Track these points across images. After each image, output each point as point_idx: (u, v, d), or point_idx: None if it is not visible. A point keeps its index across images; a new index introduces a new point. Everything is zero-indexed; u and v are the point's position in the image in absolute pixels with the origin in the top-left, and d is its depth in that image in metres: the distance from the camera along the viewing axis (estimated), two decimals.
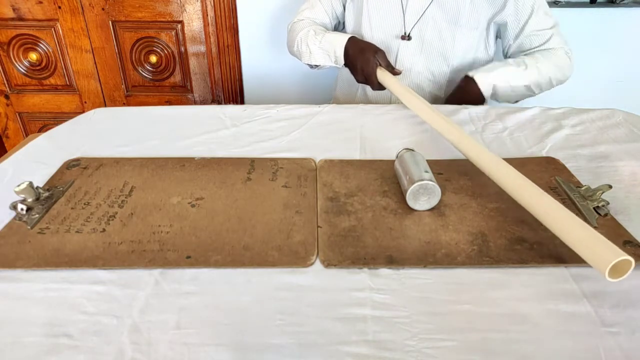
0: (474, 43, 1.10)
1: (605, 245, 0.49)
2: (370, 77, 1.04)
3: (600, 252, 0.49)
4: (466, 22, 1.07)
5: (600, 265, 0.48)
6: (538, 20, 1.05)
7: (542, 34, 1.06)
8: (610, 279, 0.48)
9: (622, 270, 0.48)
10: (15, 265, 0.55)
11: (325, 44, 1.11)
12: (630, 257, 0.47)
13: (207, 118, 0.93)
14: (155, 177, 0.72)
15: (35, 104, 1.73)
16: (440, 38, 1.09)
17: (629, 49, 1.54)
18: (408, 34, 1.11)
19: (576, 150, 0.81)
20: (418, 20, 1.09)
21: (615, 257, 0.47)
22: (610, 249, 0.49)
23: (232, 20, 1.56)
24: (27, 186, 0.64)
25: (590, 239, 0.51)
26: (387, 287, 0.52)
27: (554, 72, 1.06)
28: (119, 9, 1.57)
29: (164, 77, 1.71)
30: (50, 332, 0.47)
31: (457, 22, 1.07)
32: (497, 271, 0.55)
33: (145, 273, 0.54)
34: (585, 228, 0.52)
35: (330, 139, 0.85)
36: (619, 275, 0.48)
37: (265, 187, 0.70)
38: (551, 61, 1.06)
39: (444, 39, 1.09)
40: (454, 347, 0.46)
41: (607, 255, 0.48)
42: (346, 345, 0.46)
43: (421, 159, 0.69)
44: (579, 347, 0.45)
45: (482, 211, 0.64)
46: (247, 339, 0.46)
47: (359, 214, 0.64)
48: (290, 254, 0.57)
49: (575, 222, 0.53)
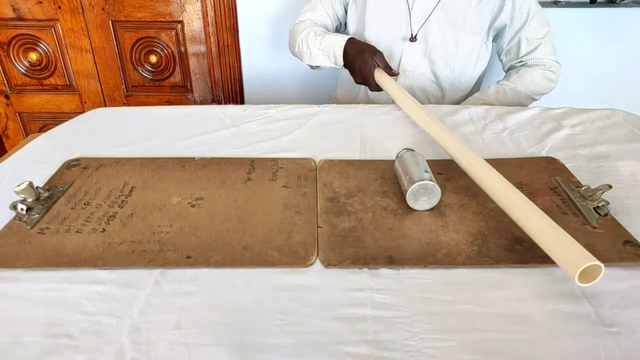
0: (477, 47, 1.11)
1: (576, 250, 0.50)
2: (368, 78, 1.04)
3: (571, 256, 0.49)
4: (469, 27, 1.08)
5: (570, 270, 0.49)
6: (531, 28, 1.08)
7: (532, 43, 1.09)
8: (580, 283, 0.48)
9: (593, 275, 0.48)
10: (15, 265, 0.55)
11: (325, 45, 1.11)
12: (600, 262, 0.47)
13: (207, 118, 0.93)
14: (155, 177, 0.72)
15: (35, 104, 1.73)
16: (443, 41, 1.10)
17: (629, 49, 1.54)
18: (415, 35, 1.11)
19: (576, 150, 0.81)
20: (424, 22, 1.09)
21: (585, 262, 0.47)
22: (581, 254, 0.49)
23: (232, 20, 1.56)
24: (27, 186, 0.64)
25: (562, 243, 0.51)
26: (387, 287, 0.52)
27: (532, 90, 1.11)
28: (119, 9, 1.57)
29: (164, 77, 1.71)
30: (50, 332, 0.47)
31: (461, 27, 1.08)
32: (497, 271, 0.55)
33: (145, 273, 0.54)
34: (558, 231, 0.52)
35: (330, 139, 0.85)
36: (589, 281, 0.48)
37: (265, 187, 0.70)
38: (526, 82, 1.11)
39: (447, 42, 1.10)
40: (454, 347, 0.46)
41: (577, 259, 0.48)
42: (346, 345, 0.46)
43: (421, 159, 0.69)
44: (579, 347, 0.45)
45: (482, 211, 0.64)
46: (247, 339, 0.46)
47: (359, 214, 0.64)
48: (290, 254, 0.57)
49: (550, 225, 0.54)
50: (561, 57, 1.57)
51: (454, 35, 1.09)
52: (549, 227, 0.53)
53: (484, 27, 1.09)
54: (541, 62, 1.10)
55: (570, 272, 0.48)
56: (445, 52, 1.11)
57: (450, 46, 1.10)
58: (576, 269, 0.47)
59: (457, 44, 1.09)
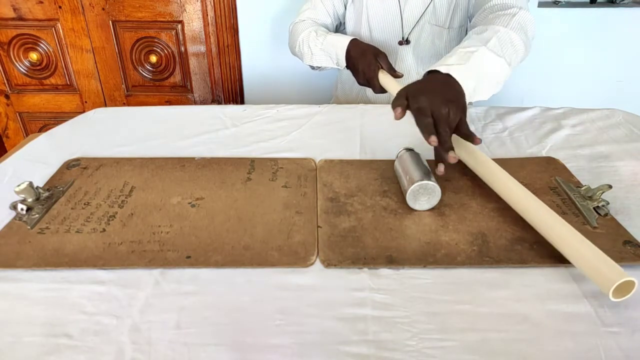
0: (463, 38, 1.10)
1: (609, 266, 0.49)
2: (371, 80, 1.03)
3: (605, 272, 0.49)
4: (454, 22, 1.09)
5: (604, 286, 0.49)
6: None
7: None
8: (614, 299, 0.48)
9: (626, 289, 0.48)
10: (15, 265, 0.55)
11: (327, 46, 1.11)
12: (634, 278, 0.47)
13: (207, 118, 0.93)
14: (155, 177, 0.72)
15: (36, 103, 1.73)
16: (435, 42, 1.11)
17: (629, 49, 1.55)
18: (406, 39, 1.11)
19: (576, 150, 0.81)
20: (415, 25, 1.10)
21: (620, 278, 0.47)
22: (614, 270, 0.49)
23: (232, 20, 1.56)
24: (27, 186, 0.64)
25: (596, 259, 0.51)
26: (387, 287, 0.52)
27: (520, 36, 0.87)
28: (119, 9, 1.57)
29: (164, 77, 1.71)
30: (50, 332, 0.47)
31: (450, 25, 1.09)
32: (497, 271, 0.55)
33: (145, 273, 0.54)
34: (591, 248, 0.52)
35: (330, 139, 0.85)
36: (622, 295, 0.48)
37: (265, 187, 0.70)
38: (511, 28, 0.85)
39: (439, 42, 1.11)
40: (454, 347, 0.46)
41: (611, 275, 0.48)
42: (346, 345, 0.46)
43: (421, 159, 0.69)
44: (579, 347, 0.45)
45: (482, 211, 0.64)
46: (247, 339, 0.46)
47: (359, 214, 0.64)
48: (290, 254, 0.57)
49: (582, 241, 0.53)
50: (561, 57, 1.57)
51: (445, 34, 1.10)
52: (581, 243, 0.53)
53: (464, 18, 1.09)
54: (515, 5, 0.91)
55: (605, 289, 0.48)
56: (436, 52, 1.11)
57: (442, 45, 1.11)
58: (610, 285, 0.47)
59: (451, 41, 1.10)
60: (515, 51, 0.85)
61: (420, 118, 0.66)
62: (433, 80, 0.74)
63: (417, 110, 0.67)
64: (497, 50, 0.82)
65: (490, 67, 0.81)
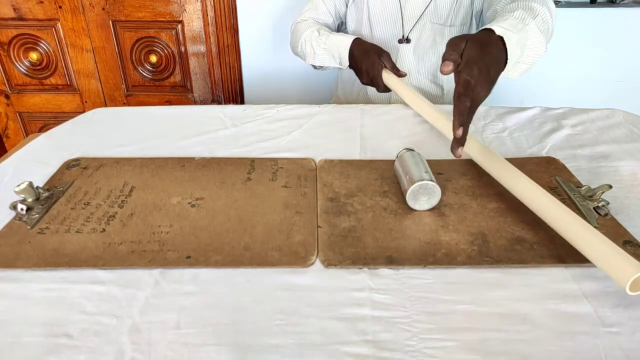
0: None
1: (625, 260, 0.49)
2: (375, 80, 1.03)
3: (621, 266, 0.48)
4: (455, 20, 1.09)
5: (621, 280, 0.48)
6: None
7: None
8: (631, 292, 0.47)
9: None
10: (15, 265, 0.55)
11: (330, 45, 1.11)
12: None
13: (207, 118, 0.93)
14: (155, 177, 0.72)
15: (36, 103, 1.73)
16: (436, 40, 1.10)
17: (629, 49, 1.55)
18: (406, 38, 1.11)
19: (576, 150, 0.81)
20: (415, 23, 1.09)
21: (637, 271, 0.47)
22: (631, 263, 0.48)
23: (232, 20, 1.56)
24: (27, 186, 0.64)
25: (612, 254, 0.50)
26: (387, 287, 0.52)
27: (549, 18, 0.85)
28: (119, 9, 1.57)
29: (164, 77, 1.71)
30: (50, 332, 0.47)
31: (452, 23, 1.09)
32: (497, 271, 0.55)
33: (145, 273, 0.54)
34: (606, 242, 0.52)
35: (330, 139, 0.85)
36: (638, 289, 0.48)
37: (265, 187, 0.70)
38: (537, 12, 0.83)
39: (440, 40, 1.10)
40: (454, 347, 0.46)
41: (628, 269, 0.48)
42: (346, 345, 0.46)
43: (421, 159, 0.69)
44: (579, 347, 0.45)
45: (482, 211, 0.64)
46: (247, 339, 0.46)
47: (359, 214, 0.64)
48: (290, 254, 0.57)
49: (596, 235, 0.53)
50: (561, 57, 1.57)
51: (446, 32, 1.09)
52: (595, 237, 0.52)
53: (467, 15, 1.09)
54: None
55: (622, 282, 0.48)
56: (439, 50, 1.11)
57: (441, 43, 1.10)
58: (627, 279, 0.47)
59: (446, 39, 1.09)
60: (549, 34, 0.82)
61: (460, 97, 0.61)
62: (491, 44, 0.68)
63: (464, 82, 0.61)
64: (542, 28, 0.79)
65: (533, 45, 0.78)
